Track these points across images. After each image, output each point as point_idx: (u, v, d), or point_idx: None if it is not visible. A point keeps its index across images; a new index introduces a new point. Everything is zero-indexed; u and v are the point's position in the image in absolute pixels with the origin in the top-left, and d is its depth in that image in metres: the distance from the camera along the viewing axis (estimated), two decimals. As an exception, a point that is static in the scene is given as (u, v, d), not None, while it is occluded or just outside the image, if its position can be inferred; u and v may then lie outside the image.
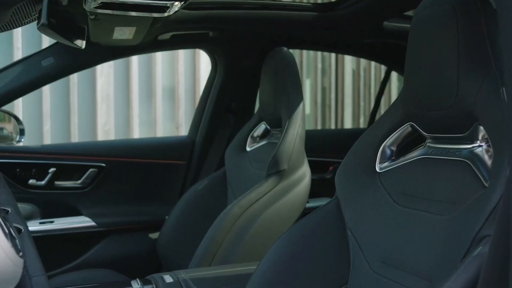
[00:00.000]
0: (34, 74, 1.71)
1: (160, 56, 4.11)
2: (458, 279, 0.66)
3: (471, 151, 0.86)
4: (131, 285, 1.13)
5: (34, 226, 1.82)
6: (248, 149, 1.82)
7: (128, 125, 4.02)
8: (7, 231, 0.70)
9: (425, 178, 0.92)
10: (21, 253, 0.70)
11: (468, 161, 0.85)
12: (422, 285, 0.83)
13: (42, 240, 1.78)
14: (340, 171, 1.08)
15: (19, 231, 0.81)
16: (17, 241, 0.72)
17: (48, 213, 1.91)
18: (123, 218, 2.00)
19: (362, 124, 5.19)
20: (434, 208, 0.87)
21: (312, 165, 1.66)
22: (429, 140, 0.96)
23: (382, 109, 3.29)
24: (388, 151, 1.03)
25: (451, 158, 0.89)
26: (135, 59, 3.98)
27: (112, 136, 3.92)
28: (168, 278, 1.15)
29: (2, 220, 0.71)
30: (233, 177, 1.81)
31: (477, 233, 0.73)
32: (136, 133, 4.03)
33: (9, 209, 0.83)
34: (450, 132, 0.90)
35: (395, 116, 1.02)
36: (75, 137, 3.76)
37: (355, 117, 5.33)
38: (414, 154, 0.98)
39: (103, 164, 1.98)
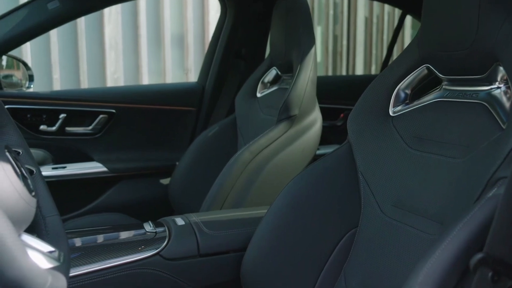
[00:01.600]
0: (40, 18, 1.67)
1: (168, 2, 4.01)
2: (471, 220, 0.66)
3: (489, 93, 0.84)
4: (143, 228, 1.15)
5: (47, 171, 1.84)
6: (258, 95, 1.80)
7: (137, 73, 3.99)
8: (18, 171, 0.70)
9: (440, 121, 0.90)
10: (33, 193, 0.70)
11: (485, 103, 0.83)
12: (434, 228, 0.83)
13: (54, 185, 1.80)
14: (353, 115, 1.06)
15: (31, 172, 0.82)
16: (29, 181, 0.72)
17: (60, 159, 1.93)
18: (134, 164, 2.01)
19: (374, 72, 5.11)
20: (448, 151, 0.86)
21: (322, 112, 1.64)
22: (445, 83, 0.94)
23: (395, 57, 3.23)
24: (402, 95, 1.01)
25: (468, 101, 0.87)
26: (142, 6, 3.90)
27: (121, 84, 3.91)
28: (179, 221, 1.17)
29: (14, 160, 0.71)
30: (243, 123, 1.80)
31: (492, 175, 0.72)
32: (146, 81, 4.00)
33: (20, 151, 0.83)
34: (468, 73, 0.87)
35: (411, 59, 0.99)
36: (85, 86, 3.75)
37: (367, 65, 5.24)
38: (429, 98, 0.96)
39: (113, 110, 1.97)
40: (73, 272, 0.99)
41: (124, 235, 1.14)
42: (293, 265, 1.02)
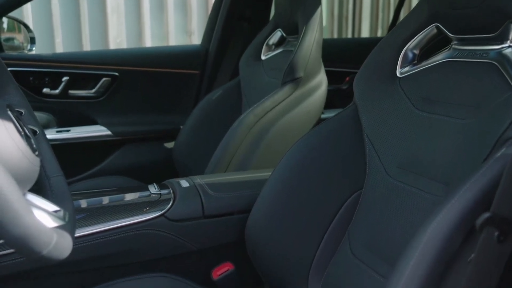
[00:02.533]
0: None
1: (170, -36, 3.93)
2: (479, 180, 0.65)
3: (499, 52, 0.82)
4: (148, 189, 1.15)
5: (51, 134, 1.84)
6: (263, 57, 1.77)
7: (140, 37, 3.94)
8: (21, 130, 0.69)
9: (448, 82, 0.89)
10: (37, 152, 0.70)
11: (495, 63, 0.81)
12: (439, 189, 0.82)
13: (59, 149, 1.80)
14: (359, 75, 1.05)
15: (34, 133, 0.81)
16: (32, 140, 0.72)
17: (64, 122, 1.92)
18: (138, 128, 2.00)
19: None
20: (456, 112, 0.84)
21: (327, 75, 1.62)
22: (455, 42, 0.91)
23: (402, 19, 3.16)
24: (410, 55, 0.99)
25: (478, 60, 0.85)
26: (145, -33, 3.82)
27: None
28: (184, 183, 1.17)
29: (16, 120, 0.70)
30: (248, 86, 1.78)
31: (501, 135, 0.71)
32: (148, 45, 3.96)
33: (22, 111, 0.82)
34: (479, 32, 0.85)
35: (419, 18, 0.96)
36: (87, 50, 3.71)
37: (373, 29, 5.16)
38: (438, 58, 0.94)
39: (116, 73, 1.95)
40: (79, 232, 0.99)
41: (129, 196, 1.14)
42: (297, 227, 1.02)
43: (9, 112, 0.68)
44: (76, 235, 0.98)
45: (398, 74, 0.99)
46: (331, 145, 1.04)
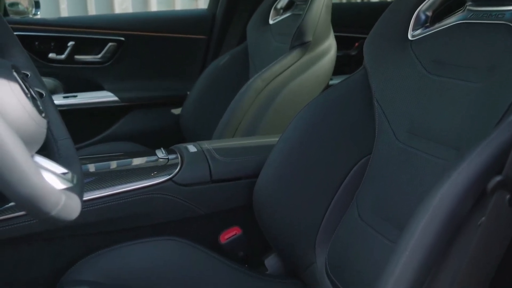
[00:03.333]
0: None
1: None
2: (491, 143, 0.64)
3: (516, 13, 0.79)
4: (156, 154, 1.15)
5: (57, 100, 1.83)
6: (271, 22, 1.74)
7: (145, 2, 3.88)
8: (27, 92, 0.68)
9: (462, 45, 0.86)
10: (43, 114, 0.69)
11: (511, 24, 0.79)
12: (450, 154, 0.81)
13: (66, 114, 1.80)
14: (369, 39, 1.02)
15: (40, 95, 0.80)
16: (38, 102, 0.71)
17: (70, 88, 1.92)
18: (145, 93, 2.00)
19: (390, 1, 4.90)
20: (469, 75, 0.83)
21: (336, 40, 1.59)
22: (469, 3, 0.89)
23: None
24: (423, 17, 0.96)
25: (493, 22, 0.82)
26: None
27: (130, 14, 3.81)
28: (192, 148, 1.16)
29: (22, 81, 0.69)
30: (255, 51, 1.75)
31: None
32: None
33: (28, 73, 0.81)
34: (495, -8, 0.82)
35: (433, -22, 0.93)
36: (93, 15, 3.66)
37: (383, -6, 5.04)
38: (451, 20, 0.91)
39: (122, 38, 1.93)
40: (87, 196, 1.00)
41: (137, 161, 1.14)
42: (305, 191, 1.02)
43: (15, 73, 0.67)
44: (85, 198, 0.99)
45: (409, 37, 0.96)
46: (339, 110, 1.03)
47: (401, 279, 0.64)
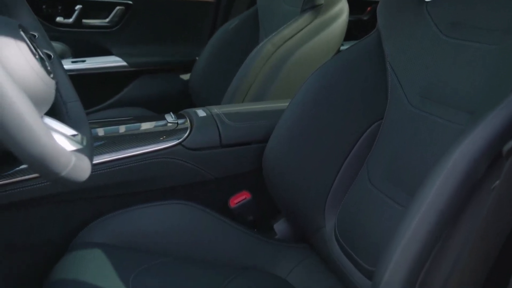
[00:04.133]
0: None
1: None
2: (507, 107, 0.63)
3: (537, -29, 0.76)
4: (165, 119, 1.14)
5: (66, 65, 1.82)
6: (281, -16, 1.70)
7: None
8: (35, 52, 0.67)
9: (478, 6, 0.84)
10: (52, 75, 0.68)
11: (531, -16, 0.76)
12: (464, 118, 0.80)
13: (74, 79, 1.79)
14: (383, 0, 1.00)
15: (48, 56, 0.79)
16: (46, 63, 0.70)
17: (78, 53, 1.90)
18: (153, 59, 1.97)
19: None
20: (485, 37, 0.80)
21: (348, 4, 1.55)
22: (488, -37, 0.85)
23: None
24: (439, -23, 0.93)
25: (512, -18, 0.79)
26: None
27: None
28: (201, 113, 1.15)
29: (30, 42, 0.68)
30: (265, 15, 1.72)
31: None
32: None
33: (36, 34, 0.80)
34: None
35: None
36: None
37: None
38: (469, -20, 0.88)
39: (130, 2, 1.90)
40: (97, 160, 1.00)
41: (146, 125, 1.14)
42: (315, 156, 1.01)
43: (22, 33, 0.66)
44: (94, 162, 0.99)
45: (425, -1, 0.94)
46: (351, 74, 1.01)
47: (412, 241, 0.64)
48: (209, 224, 1.05)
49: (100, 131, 1.09)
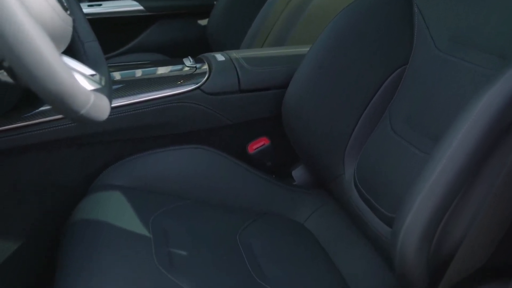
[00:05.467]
0: None
1: None
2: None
3: None
4: (183, 63, 1.12)
5: (82, 8, 1.78)
6: None
7: None
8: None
9: None
10: (68, 12, 0.66)
11: None
12: (494, 62, 0.77)
13: (91, 24, 1.76)
14: None
15: (64, -6, 0.77)
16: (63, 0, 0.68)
17: (94, -4, 1.86)
18: (170, 3, 1.93)
19: None
20: None
21: None
22: None
23: None
24: None
25: None
26: None
27: None
28: (220, 57, 1.13)
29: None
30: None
31: None
32: None
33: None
34: None
35: None
36: None
37: None
38: None
39: None
40: (115, 103, 0.99)
41: (164, 70, 1.12)
42: (336, 102, 0.99)
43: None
44: (113, 105, 0.98)
45: None
46: (375, 17, 0.97)
47: (436, 186, 0.63)
48: (228, 169, 1.05)
49: (117, 75, 1.08)
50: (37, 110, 0.94)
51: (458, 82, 0.81)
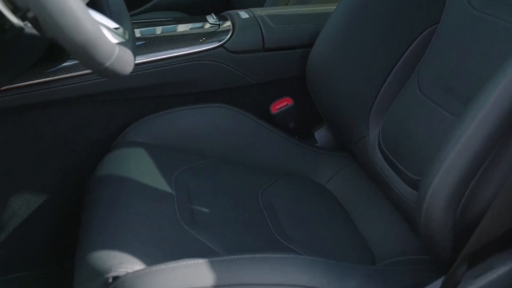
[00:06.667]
0: None
1: None
2: None
3: None
4: (206, 20, 1.10)
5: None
6: None
7: None
8: None
9: None
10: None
11: None
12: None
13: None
14: None
15: None
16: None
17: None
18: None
19: None
20: None
21: None
22: None
23: None
24: None
25: None
26: None
27: None
28: (244, 14, 1.11)
29: None
30: None
31: None
32: None
33: None
34: None
35: None
36: None
37: None
38: None
39: None
40: (138, 60, 0.98)
41: (186, 27, 1.10)
42: (363, 62, 0.97)
43: None
44: (136, 61, 0.97)
45: None
46: None
47: (466, 147, 0.61)
48: (250, 128, 1.05)
49: (138, 32, 1.06)
50: (60, 66, 0.93)
51: (492, 41, 0.77)
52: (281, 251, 0.75)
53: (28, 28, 0.56)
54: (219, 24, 1.08)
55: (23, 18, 0.52)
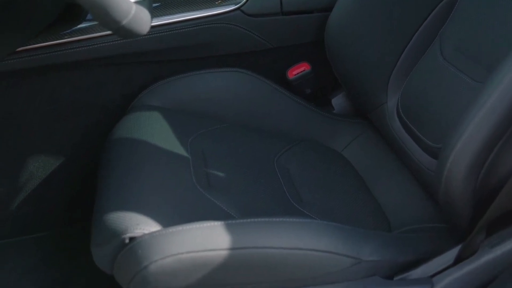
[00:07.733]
0: None
1: None
2: None
3: None
4: None
5: None
6: None
7: None
8: None
9: None
10: None
11: None
12: None
13: None
14: None
15: None
16: None
17: None
18: None
19: None
20: None
21: None
22: None
23: None
24: None
25: None
26: None
27: None
28: None
29: None
30: None
31: None
32: None
33: None
34: None
35: None
36: None
37: None
38: None
39: None
40: (154, 22, 0.97)
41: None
42: (383, 28, 0.94)
43: None
44: (152, 24, 0.96)
45: None
46: None
47: (490, 114, 0.60)
48: (267, 93, 1.03)
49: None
50: (76, 28, 0.93)
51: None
52: (296, 216, 0.75)
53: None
54: (236, -8, 1.06)
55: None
